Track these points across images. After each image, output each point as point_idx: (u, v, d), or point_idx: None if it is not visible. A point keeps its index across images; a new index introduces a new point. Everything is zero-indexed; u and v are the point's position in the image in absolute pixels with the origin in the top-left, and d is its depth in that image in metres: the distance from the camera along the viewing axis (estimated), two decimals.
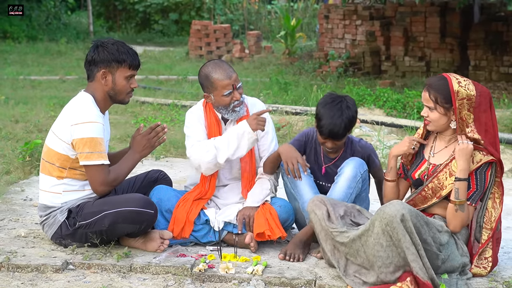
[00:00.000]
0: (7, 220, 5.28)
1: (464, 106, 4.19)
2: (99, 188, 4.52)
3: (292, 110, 10.46)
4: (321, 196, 4.46)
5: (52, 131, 4.59)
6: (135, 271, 4.34)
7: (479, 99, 4.22)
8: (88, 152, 4.43)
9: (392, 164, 4.49)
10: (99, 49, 4.55)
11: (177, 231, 4.71)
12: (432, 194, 4.32)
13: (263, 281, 4.20)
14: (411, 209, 4.00)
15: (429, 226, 4.08)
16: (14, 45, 22.14)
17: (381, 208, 4.03)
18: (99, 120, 4.48)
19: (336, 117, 4.60)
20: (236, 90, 4.74)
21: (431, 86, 4.27)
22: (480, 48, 14.22)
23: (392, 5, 15.91)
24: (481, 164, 4.20)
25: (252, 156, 4.91)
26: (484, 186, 4.23)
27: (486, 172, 4.22)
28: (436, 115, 4.27)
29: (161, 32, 27.72)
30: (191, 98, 12.27)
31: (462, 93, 4.18)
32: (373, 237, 4.00)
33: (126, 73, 4.58)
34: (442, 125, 4.30)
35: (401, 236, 3.91)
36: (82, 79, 14.59)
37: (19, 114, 10.38)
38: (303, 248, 4.62)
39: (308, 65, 16.71)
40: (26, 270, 4.30)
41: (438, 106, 4.24)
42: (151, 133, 4.66)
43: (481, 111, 4.24)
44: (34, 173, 6.84)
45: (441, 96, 4.21)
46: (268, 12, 26.85)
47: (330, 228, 4.23)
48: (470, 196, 4.21)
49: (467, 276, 4.22)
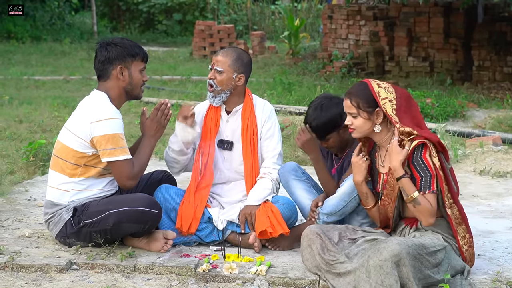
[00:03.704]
0: (11, 220, 5.29)
1: (387, 105, 4.16)
2: (127, 183, 4.56)
3: (296, 110, 10.46)
4: (314, 228, 4.33)
5: (66, 128, 4.61)
6: (139, 271, 4.34)
7: (399, 101, 4.18)
8: (112, 149, 4.47)
9: (364, 189, 4.41)
10: (110, 47, 4.62)
11: (185, 226, 4.72)
12: (389, 200, 4.28)
13: (267, 281, 4.21)
14: (410, 245, 3.94)
15: (430, 255, 4.03)
16: (18, 45, 22.15)
17: (378, 246, 3.96)
18: (118, 116, 4.55)
19: (313, 117, 4.76)
20: (213, 69, 4.90)
21: (351, 93, 4.25)
22: (484, 48, 14.19)
23: (396, 6, 15.89)
24: (412, 151, 4.12)
25: (254, 156, 4.94)
26: (428, 169, 4.10)
27: (422, 155, 4.11)
28: (360, 121, 4.23)
29: (165, 33, 27.71)
30: (195, 98, 12.26)
31: (383, 93, 4.18)
32: (365, 275, 3.93)
33: (140, 66, 4.68)
34: (366, 131, 4.25)
35: (393, 282, 3.84)
36: (86, 79, 14.61)
37: (23, 114, 10.39)
38: (291, 242, 4.74)
39: (311, 65, 16.69)
40: (30, 270, 4.31)
41: (361, 111, 4.20)
42: (158, 114, 4.73)
43: (402, 111, 4.17)
44: (38, 173, 6.85)
45: (363, 100, 4.19)
46: (271, 12, 26.83)
47: (330, 261, 4.14)
48: (420, 186, 4.11)
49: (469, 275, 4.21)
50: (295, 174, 4.88)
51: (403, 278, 3.89)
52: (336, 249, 4.20)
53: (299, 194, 4.85)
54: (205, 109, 5.04)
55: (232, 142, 4.97)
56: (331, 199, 4.63)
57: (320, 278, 4.20)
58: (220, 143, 4.98)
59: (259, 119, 4.97)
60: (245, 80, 4.94)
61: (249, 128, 4.93)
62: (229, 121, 4.99)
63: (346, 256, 4.14)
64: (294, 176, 4.88)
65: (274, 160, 4.95)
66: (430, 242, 4.08)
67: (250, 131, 4.93)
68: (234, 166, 5.00)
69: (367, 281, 3.91)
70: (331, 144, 4.81)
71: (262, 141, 4.97)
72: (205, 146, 4.94)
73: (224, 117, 5.00)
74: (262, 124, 4.97)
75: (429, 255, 4.02)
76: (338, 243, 4.27)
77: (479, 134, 8.86)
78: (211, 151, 4.93)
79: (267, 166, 4.94)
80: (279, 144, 4.99)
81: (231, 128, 4.98)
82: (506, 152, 7.82)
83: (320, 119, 4.74)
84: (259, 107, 5.01)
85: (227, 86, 4.88)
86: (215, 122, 4.97)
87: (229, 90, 4.90)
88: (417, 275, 3.94)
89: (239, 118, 4.97)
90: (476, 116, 10.75)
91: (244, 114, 4.96)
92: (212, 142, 4.94)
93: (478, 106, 11.76)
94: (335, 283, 4.10)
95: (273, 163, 4.94)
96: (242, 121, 4.95)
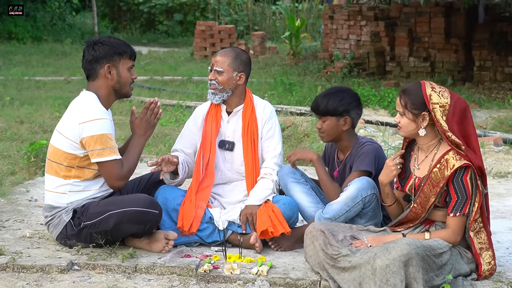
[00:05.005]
0: (12, 221, 5.29)
1: (437, 111, 4.10)
2: (116, 183, 4.55)
3: (297, 110, 10.47)
4: (318, 225, 4.35)
5: (57, 131, 4.60)
6: (140, 271, 4.34)
7: (453, 109, 4.12)
8: (100, 149, 4.46)
9: (386, 190, 4.39)
10: (97, 46, 4.61)
11: (186, 226, 4.71)
12: (421, 209, 4.25)
13: (268, 282, 4.20)
14: (419, 246, 3.94)
15: (436, 256, 4.02)
16: (19, 46, 22.15)
17: (386, 246, 3.97)
18: (106, 116, 4.53)
19: (323, 95, 4.84)
20: (212, 70, 4.95)
21: (404, 91, 4.22)
22: (485, 48, 14.18)
23: (397, 6, 15.90)
24: (454, 170, 4.09)
25: (255, 156, 4.94)
26: (466, 192, 4.09)
27: (464, 177, 4.09)
28: (405, 121, 4.20)
29: (165, 33, 27.71)
30: (196, 99, 12.27)
31: (435, 97, 4.11)
32: (370, 272, 3.93)
33: (128, 64, 4.67)
34: (411, 132, 4.22)
35: (398, 282, 3.85)
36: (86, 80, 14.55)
37: (24, 115, 10.39)
38: (293, 242, 4.75)
39: (312, 65, 16.69)
40: (31, 270, 4.31)
41: (407, 111, 4.18)
42: (147, 113, 4.71)
43: (454, 121, 4.12)
44: (39, 173, 6.85)
45: (411, 101, 4.15)
46: (272, 12, 26.82)
47: (334, 255, 4.13)
48: (453, 207, 4.11)
49: (471, 276, 4.21)
50: (293, 176, 4.88)
51: (409, 278, 3.90)
52: (339, 245, 4.20)
53: (298, 197, 4.85)
54: (205, 111, 5.04)
55: (233, 142, 4.97)
56: (334, 203, 4.61)
57: (322, 278, 4.20)
58: (222, 144, 4.98)
59: (259, 120, 4.98)
60: (245, 79, 4.95)
61: (249, 128, 4.94)
62: (230, 121, 4.99)
63: (349, 250, 4.14)
64: (293, 178, 4.87)
65: (274, 161, 4.95)
66: (436, 244, 4.07)
67: (250, 132, 4.94)
68: (235, 167, 5.00)
69: (372, 279, 3.91)
70: (324, 128, 4.80)
71: (263, 142, 4.98)
72: (206, 146, 4.94)
73: (225, 117, 5.00)
74: (262, 125, 4.98)
75: (435, 257, 4.02)
76: (343, 241, 4.27)
77: (480, 134, 8.86)
78: (212, 151, 4.94)
79: (267, 167, 4.94)
80: (279, 144, 4.99)
81: (232, 129, 4.98)
82: (507, 152, 7.82)
83: (325, 96, 4.82)
84: (260, 107, 5.02)
85: (228, 85, 4.89)
86: (216, 122, 4.97)
87: (231, 89, 4.91)
88: (424, 276, 3.94)
89: (240, 118, 4.98)
90: (477, 117, 10.75)
91: (245, 115, 4.97)
92: (213, 143, 4.95)
93: (479, 106, 11.77)
94: (340, 278, 4.08)
95: (274, 164, 4.94)
96: (243, 121, 4.95)
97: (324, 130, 4.82)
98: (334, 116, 4.78)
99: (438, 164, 4.14)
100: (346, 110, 4.79)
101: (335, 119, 4.79)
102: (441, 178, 4.12)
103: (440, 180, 4.13)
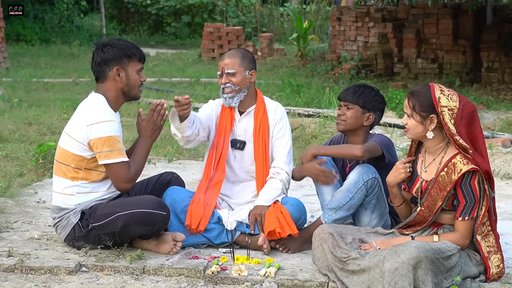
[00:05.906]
0: (20, 222, 5.30)
1: (446, 114, 4.08)
2: (123, 185, 4.55)
3: (305, 112, 10.47)
4: (326, 228, 4.35)
5: (65, 133, 4.61)
6: (148, 273, 4.35)
7: (461, 113, 4.09)
8: (108, 151, 4.46)
9: (394, 191, 4.38)
10: (106, 49, 4.62)
11: (194, 224, 4.72)
12: (429, 212, 4.24)
13: (276, 283, 4.20)
14: (428, 249, 3.93)
15: (445, 259, 4.01)
16: (27, 47, 22.22)
17: (395, 249, 3.96)
18: (114, 118, 4.53)
19: (357, 85, 4.95)
20: (224, 74, 4.94)
21: (412, 93, 4.20)
22: (492, 50, 14.16)
23: (405, 7, 15.88)
24: (462, 175, 4.08)
25: (266, 156, 4.95)
26: (474, 196, 4.08)
27: (472, 181, 4.08)
28: (412, 122, 4.18)
29: (173, 35, 27.76)
30: (203, 100, 12.26)
31: (443, 100, 4.09)
32: (379, 275, 3.93)
33: (137, 67, 4.67)
34: (418, 134, 4.20)
35: (406, 285, 3.83)
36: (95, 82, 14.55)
37: (32, 117, 10.41)
38: (301, 244, 4.75)
39: (320, 67, 16.69)
40: (40, 272, 4.32)
41: (415, 113, 4.15)
42: (154, 114, 4.70)
43: (462, 125, 4.10)
44: (47, 175, 6.86)
45: (419, 103, 4.13)
46: (280, 14, 26.84)
47: (343, 258, 4.12)
48: (461, 211, 4.11)
49: (479, 278, 4.20)
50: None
51: (417, 281, 3.89)
52: (348, 248, 4.20)
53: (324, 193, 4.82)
54: (220, 107, 5.06)
55: (244, 141, 5.00)
56: (337, 193, 4.64)
57: (330, 280, 4.20)
58: (233, 143, 5.00)
59: (271, 120, 5.00)
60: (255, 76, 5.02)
61: (261, 128, 4.96)
62: (241, 121, 5.01)
63: (358, 253, 4.13)
64: None
65: (284, 159, 4.95)
66: (445, 247, 4.06)
67: (262, 132, 4.96)
68: (244, 166, 5.02)
69: (380, 282, 3.91)
70: (348, 115, 4.81)
71: (273, 141, 4.99)
72: (219, 142, 4.96)
73: (236, 117, 5.02)
74: (274, 125, 5.00)
75: (444, 259, 4.01)
76: (351, 243, 4.27)
77: (488, 135, 8.85)
78: (224, 147, 4.95)
79: (276, 166, 4.95)
80: (289, 143, 5.01)
81: (244, 128, 5.01)
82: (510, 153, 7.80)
83: (360, 87, 4.89)
84: (272, 108, 5.05)
85: (244, 84, 4.93)
86: (230, 120, 4.99)
87: (246, 88, 4.95)
88: (433, 279, 3.93)
89: (251, 118, 5.00)
90: (485, 118, 10.73)
91: (257, 115, 4.99)
92: (226, 139, 4.97)
93: (487, 107, 11.74)
94: (349, 281, 4.08)
95: (283, 163, 4.95)
96: (255, 121, 4.98)
97: (346, 118, 4.83)
98: (361, 108, 4.81)
99: (446, 168, 4.14)
100: (374, 107, 4.84)
101: (361, 110, 4.82)
102: (448, 182, 4.12)
103: (447, 184, 4.12)
